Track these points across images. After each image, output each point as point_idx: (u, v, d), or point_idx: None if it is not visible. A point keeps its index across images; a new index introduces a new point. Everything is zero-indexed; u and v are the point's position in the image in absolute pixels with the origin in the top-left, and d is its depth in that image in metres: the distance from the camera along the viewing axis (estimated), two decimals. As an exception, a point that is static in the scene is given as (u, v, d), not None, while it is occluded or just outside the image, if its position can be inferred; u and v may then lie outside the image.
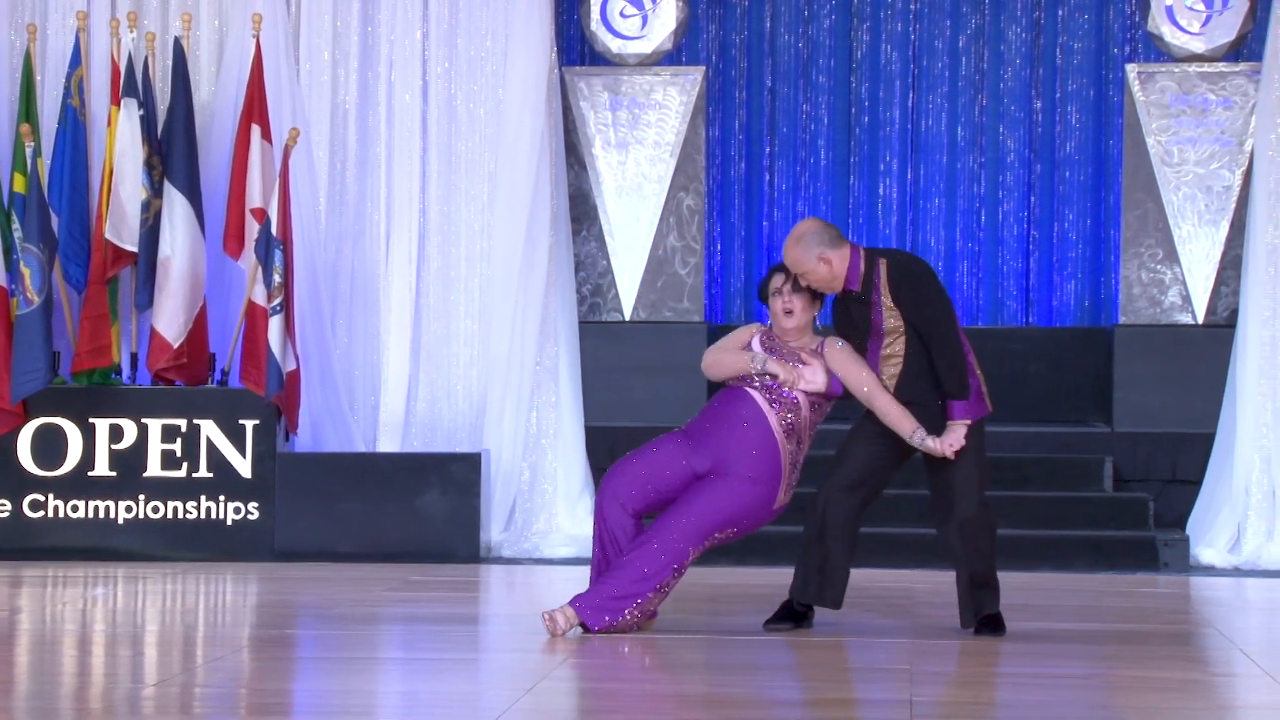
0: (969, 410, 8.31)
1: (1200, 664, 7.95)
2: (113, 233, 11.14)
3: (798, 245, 8.22)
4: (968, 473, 8.37)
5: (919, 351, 8.24)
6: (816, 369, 8.22)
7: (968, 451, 8.35)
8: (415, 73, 11.96)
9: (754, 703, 6.92)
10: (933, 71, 13.34)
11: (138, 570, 10.56)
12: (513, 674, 7.47)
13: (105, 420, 11.13)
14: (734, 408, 8.21)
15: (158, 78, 11.49)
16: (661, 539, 8.07)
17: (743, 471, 8.16)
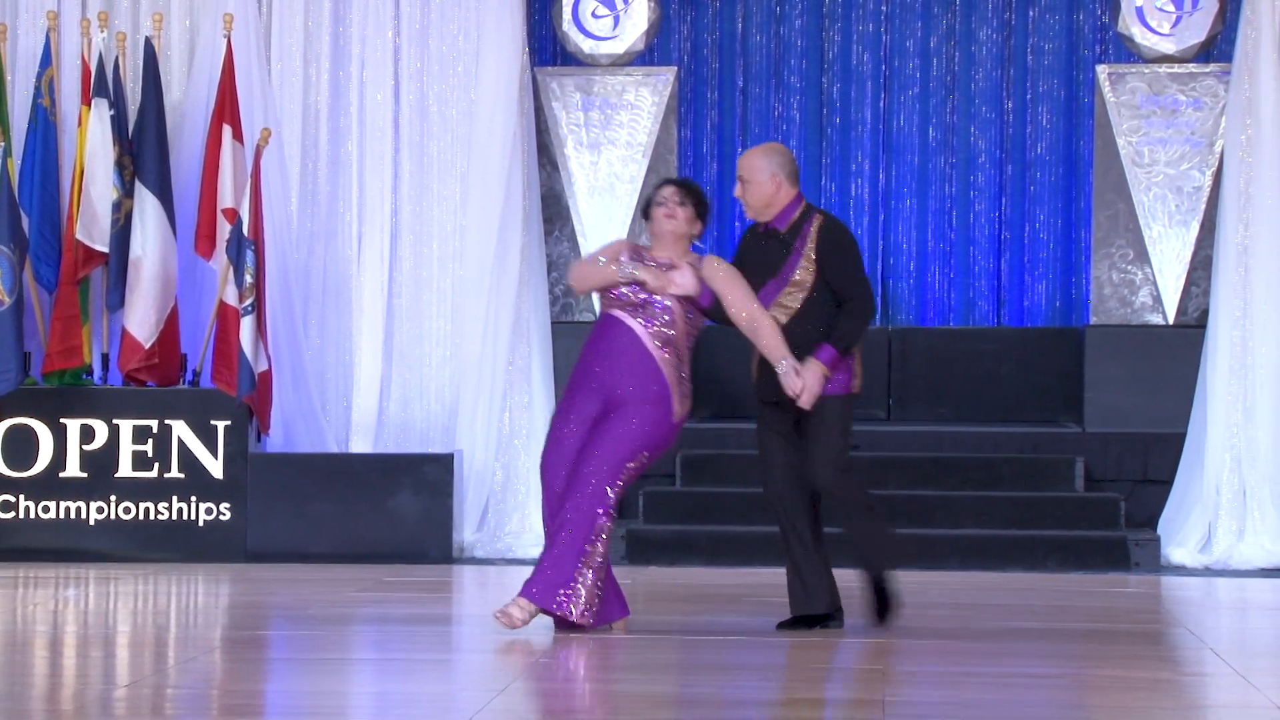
0: (837, 366, 8.17)
1: (1171, 663, 7.98)
2: (84, 233, 11.12)
3: (763, 155, 8.29)
4: (827, 445, 8.25)
5: (812, 313, 8.18)
6: (685, 272, 8.18)
7: (833, 425, 8.24)
8: (387, 72, 11.96)
9: (726, 703, 6.92)
10: (904, 72, 13.36)
11: (109, 571, 10.54)
12: (485, 675, 7.47)
13: (76, 421, 11.11)
14: (607, 339, 8.21)
15: (129, 77, 11.47)
16: (578, 494, 8.02)
17: (632, 397, 8.14)
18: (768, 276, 8.21)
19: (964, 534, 11.21)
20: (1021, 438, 12.08)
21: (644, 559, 11.07)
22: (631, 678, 7.43)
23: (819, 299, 8.18)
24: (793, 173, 8.28)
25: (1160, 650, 8.32)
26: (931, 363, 12.98)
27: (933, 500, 11.48)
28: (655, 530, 11.31)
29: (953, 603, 9.66)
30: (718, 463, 11.82)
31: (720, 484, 11.69)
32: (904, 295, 13.28)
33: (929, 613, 9.28)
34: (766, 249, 8.26)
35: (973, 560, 11.04)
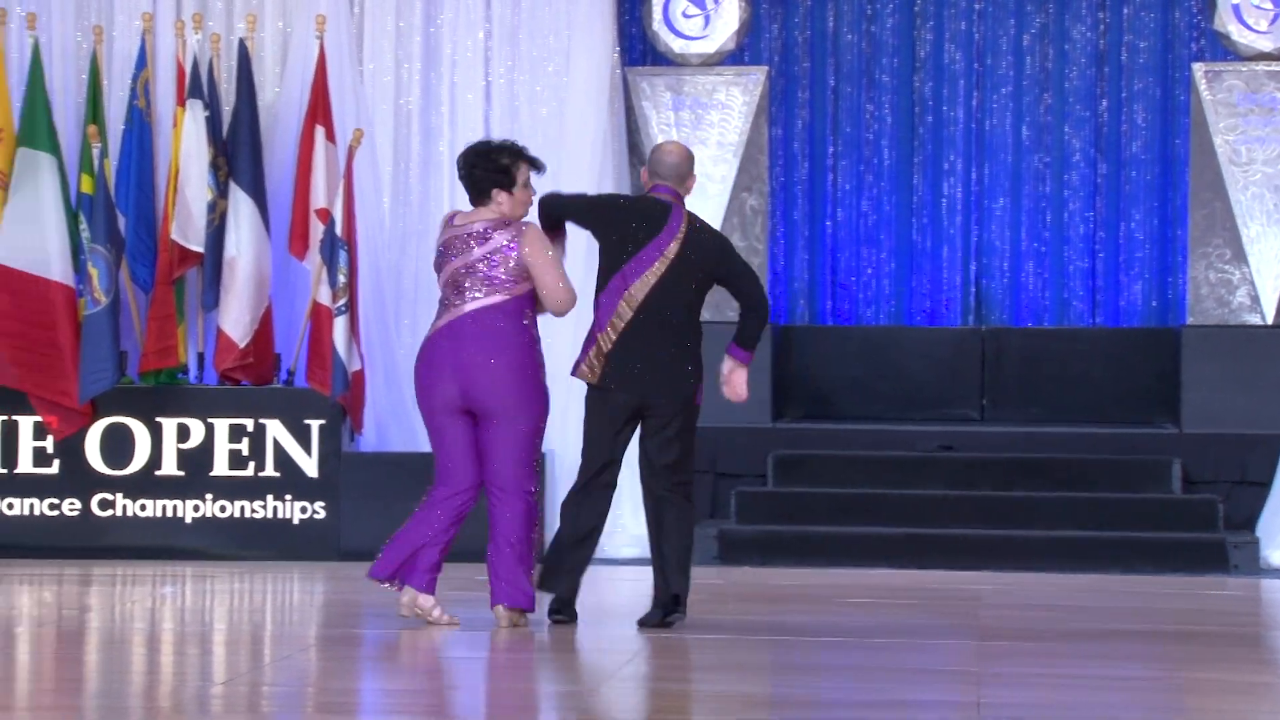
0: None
1: (1270, 666, 7.93)
2: (179, 233, 11.22)
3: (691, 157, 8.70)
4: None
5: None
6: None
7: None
8: (478, 73, 12.01)
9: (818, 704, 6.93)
10: (997, 70, 13.31)
11: (205, 569, 10.63)
12: (579, 673, 7.50)
13: (172, 420, 11.21)
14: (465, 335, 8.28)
15: (223, 79, 11.56)
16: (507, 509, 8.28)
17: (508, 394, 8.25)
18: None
19: (1058, 536, 11.17)
20: (1117, 439, 12.01)
21: (735, 559, 11.08)
22: (722, 678, 7.45)
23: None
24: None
25: (1258, 653, 8.26)
26: (1025, 363, 12.92)
27: (1026, 502, 11.44)
28: (747, 530, 11.32)
29: (1047, 605, 9.63)
30: (809, 463, 11.82)
31: (812, 484, 11.69)
32: (997, 295, 13.24)
33: (1023, 614, 9.26)
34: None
35: (1067, 562, 10.99)
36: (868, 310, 13.29)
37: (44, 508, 11.19)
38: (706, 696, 7.04)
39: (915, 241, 13.31)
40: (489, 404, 8.16)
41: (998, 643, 8.19)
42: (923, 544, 11.11)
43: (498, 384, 8.15)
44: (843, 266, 13.33)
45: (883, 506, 11.42)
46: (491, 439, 8.18)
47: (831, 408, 12.91)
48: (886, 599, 9.74)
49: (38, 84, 11.28)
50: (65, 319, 11.05)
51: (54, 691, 6.94)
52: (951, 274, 13.26)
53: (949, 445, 12.00)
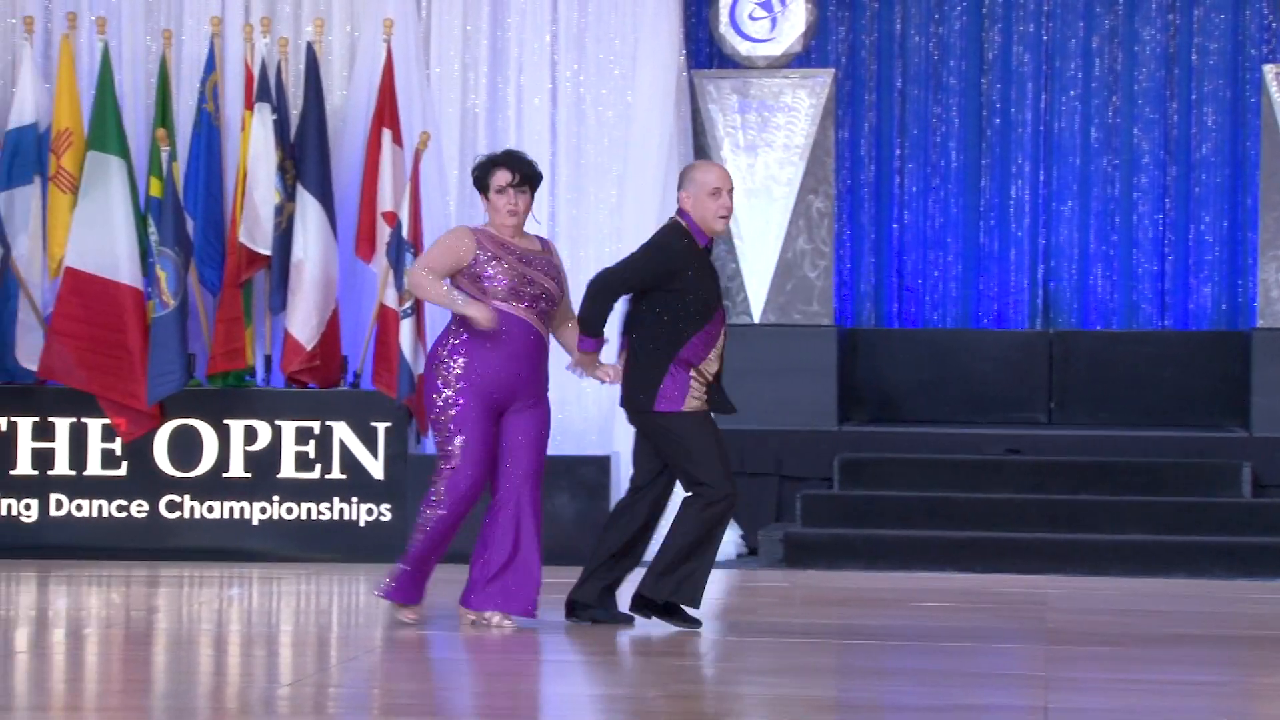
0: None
1: (1340, 672, 7.87)
2: (246, 236, 11.27)
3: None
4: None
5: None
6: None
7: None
8: (544, 76, 12.03)
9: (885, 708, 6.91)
10: (1065, 72, 13.26)
11: (271, 571, 10.68)
12: (642, 676, 7.50)
13: (240, 422, 11.27)
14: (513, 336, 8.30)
15: (290, 82, 11.61)
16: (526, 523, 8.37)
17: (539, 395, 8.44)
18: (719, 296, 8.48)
19: (1126, 539, 11.11)
20: (1186, 442, 11.95)
21: (802, 562, 11.07)
22: (787, 681, 7.44)
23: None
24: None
25: (1328, 659, 8.20)
26: (1093, 366, 12.88)
27: (1094, 505, 11.39)
28: (813, 534, 11.30)
29: (1114, 609, 9.58)
30: (875, 466, 11.79)
31: (878, 488, 11.66)
32: (1065, 298, 13.18)
33: (1091, 618, 9.22)
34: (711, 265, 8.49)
35: (1135, 566, 10.94)
36: (934, 313, 13.25)
37: (112, 509, 11.26)
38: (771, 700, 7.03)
39: (983, 244, 13.27)
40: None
41: (1065, 647, 8.15)
42: (989, 548, 11.07)
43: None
44: (909, 269, 13.31)
45: (949, 510, 11.38)
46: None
47: (898, 411, 12.88)
48: (952, 603, 9.71)
49: (107, 88, 11.35)
50: (134, 322, 11.12)
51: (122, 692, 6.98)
52: (1019, 277, 13.22)
53: (1016, 449, 11.96)
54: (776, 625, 8.92)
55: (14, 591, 9.88)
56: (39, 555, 11.10)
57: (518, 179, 8.31)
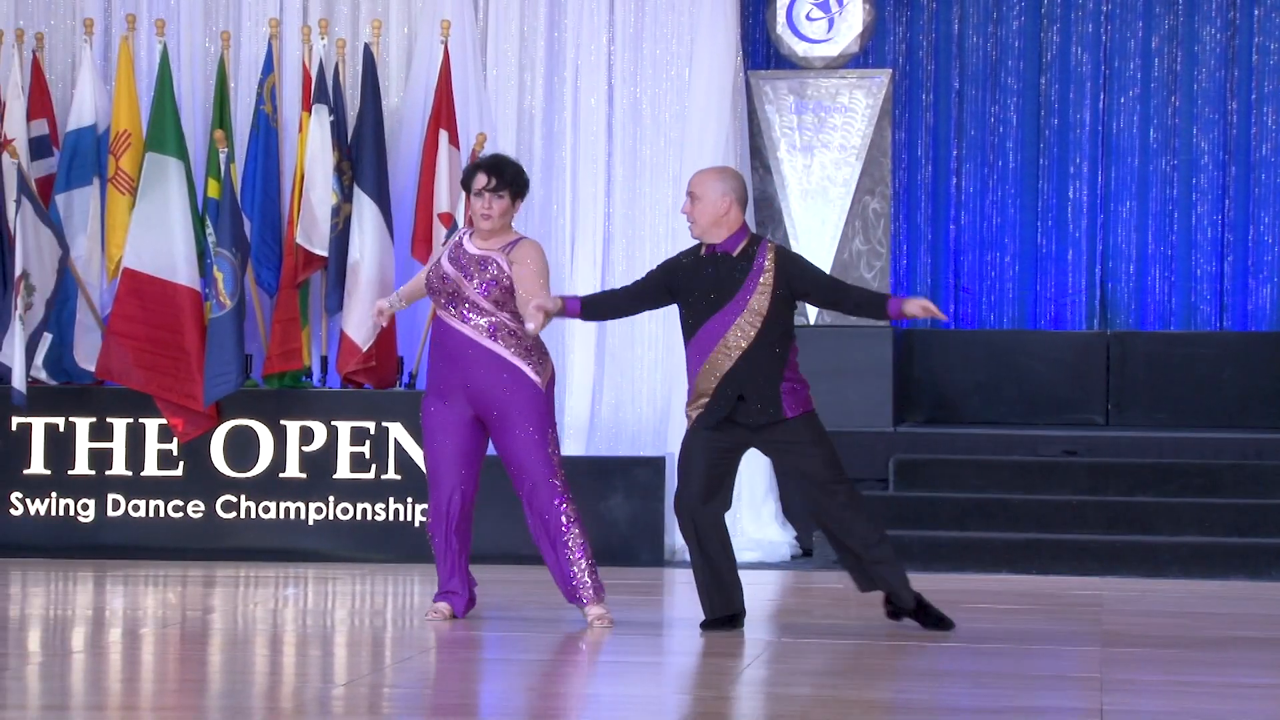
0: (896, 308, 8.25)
1: (1399, 676, 7.80)
2: (303, 237, 11.30)
3: (718, 175, 8.38)
4: (829, 455, 8.36)
5: (768, 339, 8.23)
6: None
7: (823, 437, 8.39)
8: (601, 77, 12.02)
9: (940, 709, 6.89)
10: (1124, 73, 13.20)
11: (327, 571, 10.70)
12: (696, 679, 7.49)
13: (296, 422, 11.30)
14: (443, 345, 8.39)
15: (348, 84, 11.64)
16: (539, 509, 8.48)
17: (500, 397, 8.35)
18: (724, 300, 8.24)
19: (1184, 541, 11.05)
20: (1244, 443, 11.88)
21: (857, 564, 11.02)
22: (844, 683, 7.41)
23: (773, 326, 8.24)
24: (744, 198, 8.35)
25: (1388, 662, 8.13)
26: (1151, 367, 12.81)
27: (1152, 507, 11.32)
28: (868, 535, 11.25)
29: (1173, 611, 9.52)
30: (931, 467, 11.75)
31: (934, 489, 11.62)
32: (1123, 299, 13.12)
33: (1148, 620, 9.16)
34: (717, 273, 8.28)
35: (1193, 568, 10.87)
36: (991, 314, 13.21)
37: (169, 510, 11.30)
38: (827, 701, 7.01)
39: (1040, 245, 13.23)
40: None
41: (1122, 649, 8.11)
42: (1046, 549, 11.02)
43: None
44: (966, 270, 13.27)
45: (1006, 511, 11.34)
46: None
47: (954, 412, 12.84)
48: (1009, 604, 9.66)
49: (166, 89, 11.39)
50: (191, 322, 11.16)
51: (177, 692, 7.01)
52: (1077, 278, 13.17)
53: (1073, 450, 11.90)
54: (831, 627, 8.89)
55: (71, 591, 9.93)
56: (96, 555, 11.15)
57: (493, 183, 8.36)
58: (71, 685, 7.00)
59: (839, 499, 8.32)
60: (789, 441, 8.33)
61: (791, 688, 7.29)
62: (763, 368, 8.23)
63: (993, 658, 7.95)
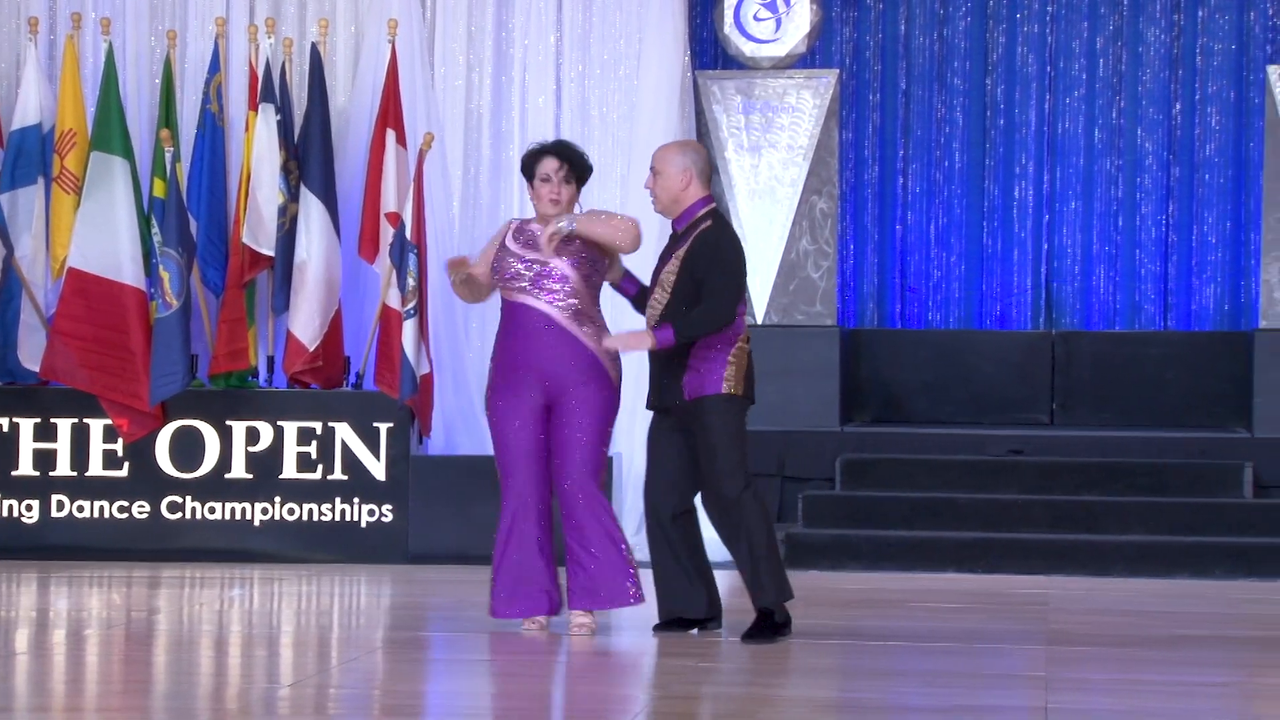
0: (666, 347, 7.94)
1: (1343, 673, 7.82)
2: (250, 237, 11.24)
3: (679, 150, 8.24)
4: (717, 452, 7.98)
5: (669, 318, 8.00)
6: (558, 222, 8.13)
7: (717, 428, 7.97)
8: (549, 76, 12.00)
9: (888, 709, 6.88)
10: (1069, 73, 13.22)
11: (273, 572, 10.65)
12: (646, 676, 7.46)
13: (242, 423, 11.23)
14: (522, 326, 8.14)
15: (295, 83, 11.58)
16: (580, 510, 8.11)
17: (572, 382, 8.08)
18: (656, 275, 8.17)
19: (1130, 540, 11.07)
20: (1189, 443, 11.91)
21: (804, 563, 11.01)
22: (792, 682, 7.40)
23: (678, 304, 8.03)
24: (705, 173, 8.18)
25: (1332, 660, 8.16)
26: (1097, 367, 12.84)
27: (1098, 506, 11.34)
28: (815, 534, 11.26)
29: (1119, 609, 9.54)
30: (878, 467, 11.75)
31: (880, 488, 11.62)
32: (1069, 299, 13.14)
33: (1095, 619, 9.18)
34: (670, 250, 8.20)
35: (1139, 567, 10.89)
36: (937, 314, 13.22)
37: (114, 510, 11.23)
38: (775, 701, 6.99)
39: (986, 245, 13.23)
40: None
41: (1068, 648, 8.11)
42: (992, 548, 11.03)
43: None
44: (913, 270, 13.27)
45: (952, 511, 11.34)
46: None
47: (900, 411, 12.84)
48: (955, 604, 9.67)
49: (111, 88, 11.31)
50: (137, 322, 11.08)
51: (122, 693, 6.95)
52: (1022, 277, 13.18)
53: (1019, 449, 11.92)
54: (779, 626, 8.86)
55: (15, 592, 9.85)
56: (40, 556, 11.06)
57: (565, 170, 8.23)
58: (15, 687, 6.94)
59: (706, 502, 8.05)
60: (688, 428, 8.08)
61: (739, 687, 7.27)
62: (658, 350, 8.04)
63: (940, 656, 7.95)
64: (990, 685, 7.35)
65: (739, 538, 8.01)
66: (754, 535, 7.99)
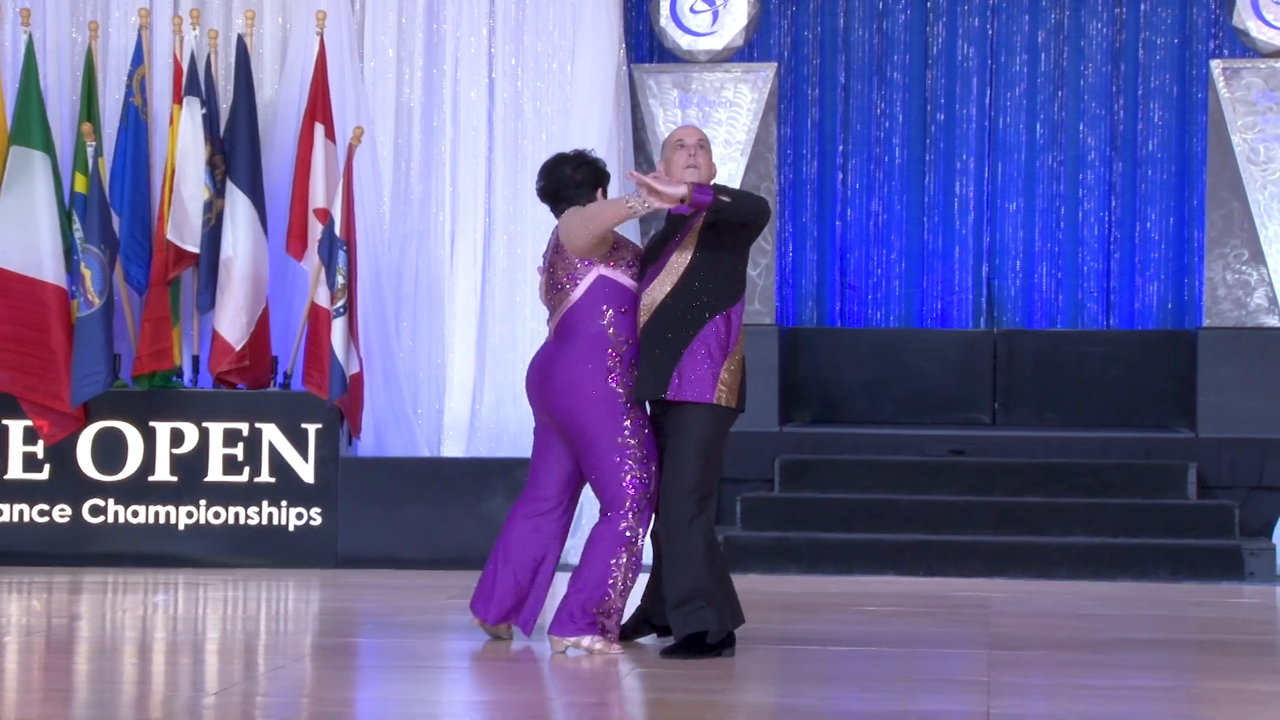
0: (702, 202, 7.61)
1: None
2: (174, 233, 11.19)
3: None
4: (680, 463, 7.77)
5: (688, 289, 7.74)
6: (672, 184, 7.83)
7: (690, 439, 7.76)
8: (481, 70, 11.98)
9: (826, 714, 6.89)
10: (1011, 68, 13.27)
11: (199, 577, 10.61)
12: (580, 683, 7.46)
13: (166, 424, 11.19)
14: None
15: (220, 76, 11.54)
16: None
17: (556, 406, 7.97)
18: (656, 257, 7.89)
19: (1072, 542, 11.12)
20: (1132, 443, 11.97)
21: (742, 567, 11.02)
22: (728, 687, 7.41)
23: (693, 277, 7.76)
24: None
25: (1274, 662, 8.22)
26: (1038, 366, 12.90)
27: (1039, 508, 11.39)
28: (753, 537, 11.28)
29: (1061, 612, 9.59)
30: (817, 468, 11.77)
31: (820, 490, 11.64)
32: (1010, 296, 13.20)
33: (1036, 622, 9.22)
34: (667, 230, 7.96)
35: (1081, 569, 10.95)
36: (877, 312, 13.26)
37: (34, 514, 11.16)
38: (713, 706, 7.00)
39: (926, 242, 13.28)
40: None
41: (1009, 651, 8.15)
42: (933, 551, 11.07)
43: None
44: (852, 267, 13.30)
45: (892, 512, 11.38)
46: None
47: (840, 412, 12.88)
48: (896, 607, 9.70)
49: (31, 81, 11.24)
50: (58, 321, 11.02)
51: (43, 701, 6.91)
52: (963, 275, 13.23)
53: (960, 450, 11.96)
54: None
55: (-67, 598, 9.78)
56: (-40, 561, 10.99)
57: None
58: (-69, 697, 6.89)
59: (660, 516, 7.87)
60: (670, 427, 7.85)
61: (675, 693, 7.28)
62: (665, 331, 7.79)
63: (879, 661, 7.97)
64: (930, 690, 7.38)
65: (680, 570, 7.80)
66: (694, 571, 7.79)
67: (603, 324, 7.91)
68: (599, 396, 7.84)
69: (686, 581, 7.79)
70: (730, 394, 7.83)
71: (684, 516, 7.79)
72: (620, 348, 7.89)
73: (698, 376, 7.80)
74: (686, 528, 7.79)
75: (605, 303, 7.91)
